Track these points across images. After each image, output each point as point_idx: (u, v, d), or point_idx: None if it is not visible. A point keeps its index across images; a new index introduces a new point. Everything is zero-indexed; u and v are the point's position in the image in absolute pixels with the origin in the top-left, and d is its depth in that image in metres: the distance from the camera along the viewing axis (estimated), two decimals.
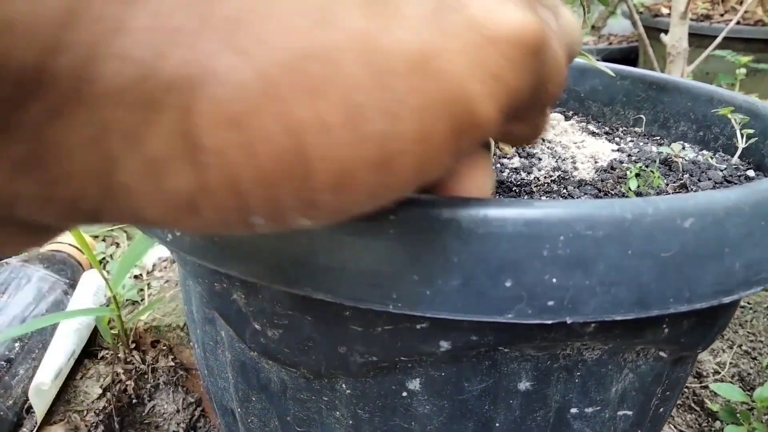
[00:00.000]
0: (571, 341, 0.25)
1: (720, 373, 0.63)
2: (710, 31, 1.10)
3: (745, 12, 1.17)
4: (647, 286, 0.22)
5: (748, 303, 0.75)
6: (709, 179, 0.33)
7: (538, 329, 0.24)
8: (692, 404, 0.60)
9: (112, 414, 0.44)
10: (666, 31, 0.98)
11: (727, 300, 0.23)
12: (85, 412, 0.43)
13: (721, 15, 1.20)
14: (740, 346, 0.67)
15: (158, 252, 0.72)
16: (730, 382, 0.62)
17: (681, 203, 0.21)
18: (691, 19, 1.19)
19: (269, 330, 0.27)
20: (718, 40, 0.97)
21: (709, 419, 0.59)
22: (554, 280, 0.21)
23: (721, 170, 0.35)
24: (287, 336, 0.27)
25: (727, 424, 0.55)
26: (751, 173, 0.35)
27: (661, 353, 0.28)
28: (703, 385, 0.62)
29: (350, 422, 0.28)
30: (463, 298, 0.21)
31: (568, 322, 0.22)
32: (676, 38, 0.96)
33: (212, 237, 0.23)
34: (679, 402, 0.60)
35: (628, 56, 1.32)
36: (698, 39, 1.11)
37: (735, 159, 0.37)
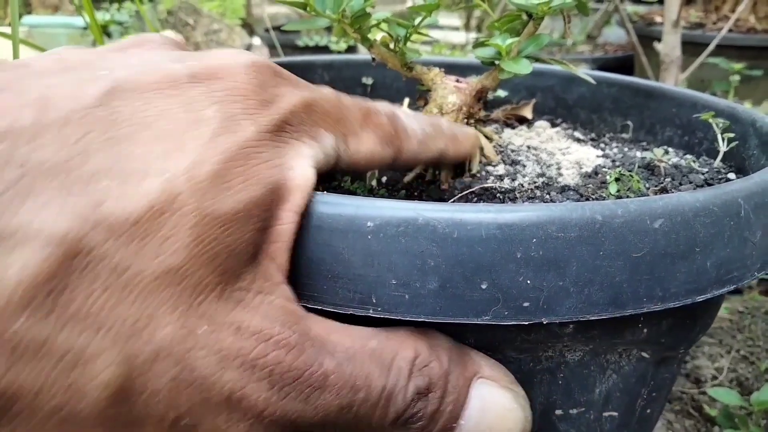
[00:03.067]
0: (552, 342, 0.26)
1: (718, 378, 0.63)
2: (703, 39, 1.11)
3: (738, 20, 1.19)
4: (620, 286, 0.22)
5: (746, 308, 0.75)
6: (690, 182, 0.34)
7: (518, 331, 0.25)
8: (691, 410, 0.60)
9: None
10: (659, 40, 0.99)
11: (701, 298, 0.24)
12: None
13: (714, 23, 1.21)
14: (738, 351, 0.67)
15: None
16: (729, 387, 0.62)
17: (650, 205, 0.22)
18: (685, 28, 1.20)
19: None
20: (711, 47, 0.98)
21: (708, 424, 0.59)
22: (529, 282, 0.22)
23: (703, 174, 0.35)
24: None
25: (725, 429, 0.55)
26: (732, 176, 0.35)
27: (643, 354, 0.28)
28: (701, 390, 0.62)
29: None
30: (441, 301, 0.22)
31: (545, 322, 0.22)
32: (670, 46, 0.97)
33: None
34: (677, 407, 0.60)
35: (624, 65, 1.34)
36: (692, 47, 1.12)
37: (717, 162, 0.37)
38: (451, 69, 0.52)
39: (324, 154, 0.24)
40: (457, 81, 0.38)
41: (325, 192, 0.23)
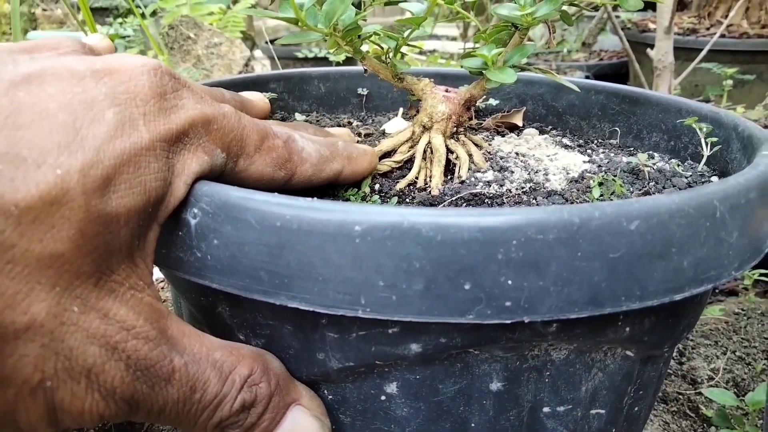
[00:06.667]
0: (537, 341, 0.27)
1: (714, 378, 0.64)
2: (697, 44, 1.12)
3: (730, 25, 1.20)
4: (598, 286, 0.23)
5: (742, 310, 0.75)
6: (674, 186, 0.35)
7: (503, 330, 0.26)
8: (687, 410, 0.61)
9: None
10: (653, 47, 1.01)
11: (679, 297, 0.25)
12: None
13: (707, 29, 1.23)
14: (734, 352, 0.67)
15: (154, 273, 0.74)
16: (725, 388, 0.62)
17: (626, 207, 0.23)
18: (678, 33, 1.22)
19: (253, 340, 0.28)
20: (703, 53, 0.99)
21: (704, 425, 0.59)
22: (510, 282, 0.23)
23: (686, 177, 0.36)
24: (269, 345, 0.28)
25: (721, 429, 0.56)
26: (715, 179, 0.36)
27: (628, 352, 0.29)
28: (697, 391, 0.63)
29: (333, 427, 0.29)
30: (427, 302, 0.23)
31: (526, 321, 0.23)
32: (662, 52, 0.99)
33: (194, 250, 0.25)
34: (674, 408, 0.61)
35: (619, 71, 1.35)
36: (686, 52, 1.13)
37: (701, 166, 0.38)
38: (443, 79, 0.54)
39: (211, 166, 0.26)
40: (447, 91, 0.39)
41: (315, 199, 0.24)
